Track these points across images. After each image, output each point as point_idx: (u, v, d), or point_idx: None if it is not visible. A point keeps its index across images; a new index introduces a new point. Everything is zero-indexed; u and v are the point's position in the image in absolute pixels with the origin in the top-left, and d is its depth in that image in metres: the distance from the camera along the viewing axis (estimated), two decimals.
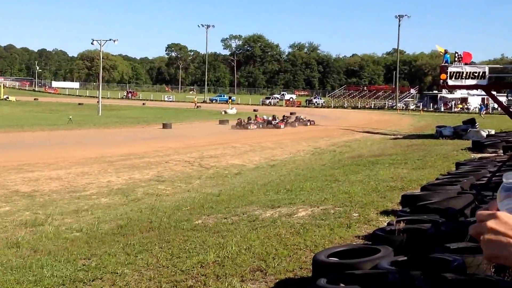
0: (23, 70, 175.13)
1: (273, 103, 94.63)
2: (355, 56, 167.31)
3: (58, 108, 61.87)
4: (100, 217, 8.71)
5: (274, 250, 5.58)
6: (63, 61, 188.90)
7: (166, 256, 5.64)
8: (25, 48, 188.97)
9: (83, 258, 5.80)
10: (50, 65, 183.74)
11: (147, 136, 27.05)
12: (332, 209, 7.58)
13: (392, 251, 4.60)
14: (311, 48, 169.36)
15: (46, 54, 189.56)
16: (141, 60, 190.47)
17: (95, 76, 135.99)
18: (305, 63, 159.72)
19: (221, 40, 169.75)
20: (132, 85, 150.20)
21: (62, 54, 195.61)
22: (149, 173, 14.46)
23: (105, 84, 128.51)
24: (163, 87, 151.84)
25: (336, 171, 13.06)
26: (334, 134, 29.28)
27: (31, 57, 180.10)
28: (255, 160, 18.04)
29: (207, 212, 8.29)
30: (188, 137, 26.31)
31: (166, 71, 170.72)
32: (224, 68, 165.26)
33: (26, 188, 11.64)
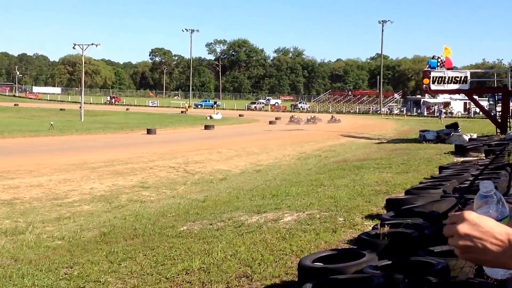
0: (3, 75, 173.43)
1: (258, 108, 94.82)
2: (340, 61, 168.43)
3: (39, 114, 61.36)
4: (82, 225, 8.59)
5: (260, 255, 5.54)
6: (44, 66, 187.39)
7: (151, 264, 5.57)
8: (4, 52, 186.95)
9: (65, 267, 5.70)
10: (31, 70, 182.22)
11: (131, 142, 26.88)
12: (318, 214, 7.56)
13: (376, 255, 4.59)
14: (296, 53, 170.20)
15: (26, 58, 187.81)
16: (124, 64, 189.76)
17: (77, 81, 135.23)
18: (290, 68, 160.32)
19: (205, 45, 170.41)
20: (116, 90, 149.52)
21: (43, 59, 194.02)
22: (133, 179, 14.33)
23: (88, 89, 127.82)
24: (147, 92, 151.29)
25: (321, 175, 13.06)
26: (319, 139, 29.35)
27: (11, 62, 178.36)
28: (241, 165, 17.99)
29: (192, 218, 8.22)
30: (172, 142, 26.19)
31: (150, 76, 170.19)
32: (209, 73, 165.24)
33: (6, 195, 11.47)
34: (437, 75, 24.46)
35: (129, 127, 38.12)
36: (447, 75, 24.42)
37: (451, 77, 24.42)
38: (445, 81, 24.42)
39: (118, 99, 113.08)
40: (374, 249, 4.75)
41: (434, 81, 24.48)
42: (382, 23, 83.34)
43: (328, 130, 38.64)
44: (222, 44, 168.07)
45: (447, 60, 25.05)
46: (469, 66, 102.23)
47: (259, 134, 34.08)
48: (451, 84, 24.54)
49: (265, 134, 34.01)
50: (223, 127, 41.95)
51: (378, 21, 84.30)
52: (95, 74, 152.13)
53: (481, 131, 27.89)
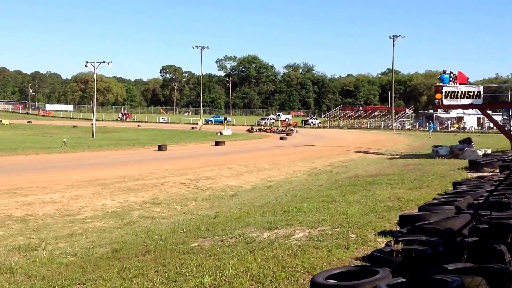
0: (16, 93, 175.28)
1: (268, 123, 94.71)
2: (350, 77, 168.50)
3: (52, 131, 61.80)
4: (95, 241, 8.60)
5: (272, 272, 5.51)
6: (57, 83, 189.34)
7: (162, 280, 5.56)
8: (18, 71, 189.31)
9: (78, 283, 5.71)
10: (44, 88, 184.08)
11: (142, 158, 26.96)
12: (330, 230, 7.51)
13: (390, 273, 4.55)
14: (306, 69, 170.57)
15: (39, 76, 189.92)
16: (135, 82, 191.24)
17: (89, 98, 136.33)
18: (300, 84, 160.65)
19: (216, 61, 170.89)
20: (127, 107, 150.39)
21: (56, 77, 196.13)
22: (144, 195, 14.35)
23: (100, 106, 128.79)
24: (158, 108, 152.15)
25: (333, 191, 13.00)
26: (330, 154, 29.27)
27: (24, 80, 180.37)
28: (252, 181, 17.97)
29: (204, 235, 8.21)
30: (183, 158, 26.23)
31: (161, 92, 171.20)
32: (219, 89, 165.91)
33: (20, 212, 11.52)
34: (449, 90, 24.38)
35: (140, 144, 38.24)
36: (459, 90, 24.32)
37: (464, 91, 24.31)
38: (458, 96, 24.31)
39: (130, 115, 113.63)
40: (388, 266, 4.71)
41: (447, 96, 24.39)
42: (393, 38, 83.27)
43: (339, 145, 38.55)
44: (232, 60, 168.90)
45: (459, 74, 24.99)
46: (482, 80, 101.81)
47: (269, 149, 34.06)
48: (464, 99, 24.42)
49: (276, 149, 33.98)
50: (234, 143, 41.98)
51: (389, 36, 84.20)
52: (107, 91, 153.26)
53: (495, 146, 27.69)
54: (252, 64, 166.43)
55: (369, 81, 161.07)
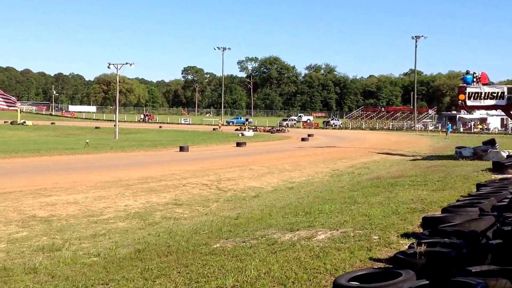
0: (40, 95, 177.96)
1: (290, 125, 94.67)
2: (372, 77, 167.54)
3: (75, 132, 62.52)
4: (117, 242, 8.67)
5: (294, 274, 5.50)
6: (80, 85, 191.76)
7: (185, 281, 5.58)
8: (41, 72, 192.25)
9: (101, 284, 5.76)
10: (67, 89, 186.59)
11: (164, 159, 27.12)
12: (352, 232, 7.47)
13: (414, 275, 4.52)
14: (327, 70, 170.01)
15: (62, 78, 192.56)
16: (157, 83, 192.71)
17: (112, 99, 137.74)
18: (322, 85, 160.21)
19: (237, 63, 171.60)
20: (149, 108, 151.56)
21: (79, 78, 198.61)
22: (166, 196, 14.43)
23: (122, 107, 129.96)
24: (179, 109, 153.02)
25: (355, 193, 12.94)
26: (352, 156, 29.12)
27: (48, 82, 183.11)
28: (273, 182, 17.96)
29: (225, 236, 8.23)
30: (205, 159, 26.33)
31: (183, 93, 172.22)
32: (241, 90, 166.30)
33: (43, 213, 11.66)
34: (473, 91, 24.10)
35: (162, 145, 38.47)
36: (483, 91, 24.02)
37: (488, 92, 24.00)
38: (482, 96, 24.02)
39: (152, 117, 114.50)
40: (411, 268, 4.67)
41: (470, 97, 24.12)
42: (415, 39, 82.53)
43: (361, 146, 38.35)
44: (254, 61, 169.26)
45: (483, 75, 24.69)
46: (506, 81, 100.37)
47: (291, 151, 34.01)
48: (487, 99, 24.11)
49: (297, 151, 33.91)
50: (255, 144, 42.01)
51: (412, 37, 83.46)
52: (129, 93, 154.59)
53: None
54: (274, 65, 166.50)
55: (391, 82, 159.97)
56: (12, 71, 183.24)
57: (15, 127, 71.56)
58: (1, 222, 10.52)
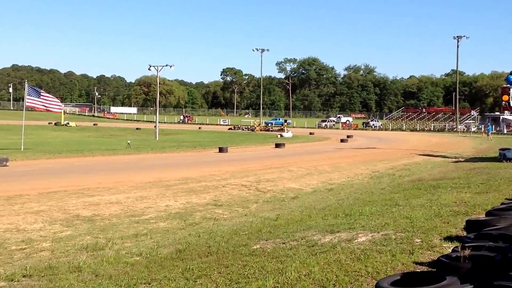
0: (82, 96, 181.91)
1: (329, 126, 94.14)
2: (413, 78, 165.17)
3: (117, 133, 63.61)
4: (159, 241, 8.77)
5: (335, 276, 5.45)
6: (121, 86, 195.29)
7: (225, 282, 5.60)
8: (84, 74, 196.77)
9: (143, 283, 5.84)
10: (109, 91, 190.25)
11: (204, 160, 27.32)
12: (393, 234, 7.37)
13: (458, 279, 4.42)
14: (367, 70, 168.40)
15: (104, 80, 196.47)
16: (196, 84, 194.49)
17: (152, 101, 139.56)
18: (361, 86, 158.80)
19: (276, 64, 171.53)
20: (188, 109, 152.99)
21: (120, 80, 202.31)
22: (206, 197, 14.54)
23: (162, 108, 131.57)
24: (218, 111, 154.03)
25: (396, 195, 12.77)
26: (392, 157, 28.75)
27: (90, 83, 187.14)
28: (312, 183, 17.89)
29: (265, 237, 8.23)
30: (244, 160, 26.41)
31: (221, 95, 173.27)
32: (279, 91, 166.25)
33: (87, 212, 11.90)
34: None
35: (201, 146, 38.76)
36: None
37: None
38: None
39: (191, 118, 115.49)
40: (455, 272, 4.58)
41: None
42: (457, 39, 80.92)
43: (402, 148, 37.82)
44: (292, 62, 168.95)
45: None
46: None
47: (330, 152, 33.79)
48: None
49: (337, 152, 33.67)
50: (294, 145, 41.91)
51: (453, 37, 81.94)
52: (169, 94, 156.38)
53: None
54: (312, 66, 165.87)
55: (433, 83, 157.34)
56: (56, 73, 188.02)
57: (59, 128, 73.36)
58: (46, 221, 10.79)
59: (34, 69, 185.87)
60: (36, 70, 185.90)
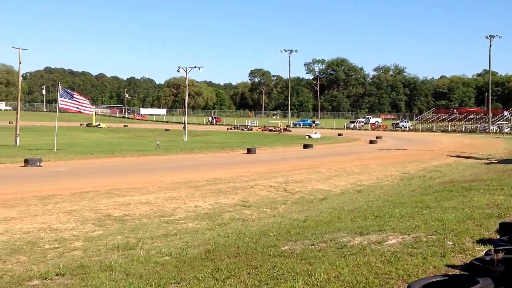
0: (113, 98, 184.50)
1: (358, 127, 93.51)
2: (444, 78, 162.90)
3: (146, 134, 64.22)
4: (188, 242, 8.83)
5: (365, 279, 5.40)
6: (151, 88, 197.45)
7: (254, 282, 5.60)
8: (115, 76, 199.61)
9: (173, 283, 5.87)
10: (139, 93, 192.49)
11: (232, 161, 27.40)
12: (424, 237, 7.27)
13: (491, 283, 4.34)
14: (396, 71, 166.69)
15: (134, 82, 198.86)
16: (225, 86, 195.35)
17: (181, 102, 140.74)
18: (391, 86, 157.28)
19: (304, 65, 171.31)
20: (216, 110, 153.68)
21: (150, 82, 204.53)
22: (234, 198, 14.58)
23: (190, 110, 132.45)
24: (246, 112, 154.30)
25: (426, 197, 12.60)
26: (423, 159, 28.40)
27: (121, 85, 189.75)
28: (341, 185, 17.78)
29: (294, 238, 8.20)
30: (272, 161, 26.40)
31: (250, 96, 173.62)
32: (307, 92, 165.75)
33: (118, 212, 12.04)
34: None
35: (229, 147, 38.87)
36: None
37: None
38: None
39: (219, 119, 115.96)
40: (488, 276, 4.50)
41: None
42: (489, 38, 79.56)
43: (432, 149, 37.34)
44: (321, 63, 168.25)
45: None
46: None
47: (359, 153, 33.55)
48: None
49: (366, 153, 33.41)
50: (322, 147, 41.74)
51: (486, 36, 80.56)
52: (198, 96, 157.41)
53: None
54: (341, 66, 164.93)
55: (464, 83, 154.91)
56: (87, 75, 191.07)
57: (90, 129, 74.44)
58: (78, 220, 10.96)
59: (67, 72, 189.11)
60: (68, 72, 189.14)
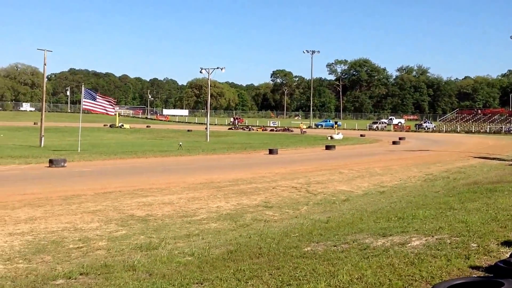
0: (136, 99, 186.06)
1: (380, 128, 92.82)
2: (468, 79, 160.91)
3: (169, 134, 64.63)
4: (210, 242, 8.87)
5: (388, 280, 5.37)
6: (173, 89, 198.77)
7: (277, 283, 5.60)
8: (138, 78, 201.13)
9: (196, 283, 5.90)
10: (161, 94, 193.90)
11: (254, 161, 27.43)
12: (448, 238, 7.20)
13: None
14: (420, 71, 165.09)
15: (157, 83, 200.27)
16: (247, 86, 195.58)
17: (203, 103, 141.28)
18: (414, 87, 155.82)
19: (326, 65, 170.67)
20: (238, 111, 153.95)
21: (172, 83, 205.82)
22: (256, 198, 14.59)
23: (213, 111, 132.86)
24: (268, 113, 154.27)
25: (450, 198, 12.46)
26: (446, 160, 28.09)
27: (144, 86, 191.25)
28: (364, 186, 17.68)
29: (316, 239, 8.18)
30: (294, 162, 26.36)
31: (271, 97, 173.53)
32: (330, 93, 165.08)
33: (141, 212, 12.14)
34: None
35: (251, 147, 38.92)
36: None
37: None
38: None
39: (241, 120, 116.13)
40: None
41: None
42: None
43: (456, 150, 36.92)
44: (343, 64, 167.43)
45: None
46: None
47: (381, 154, 33.33)
48: None
49: (388, 154, 33.17)
50: (344, 148, 41.55)
51: (510, 36, 79.28)
52: (220, 96, 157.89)
53: None
54: (364, 67, 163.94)
55: (489, 83, 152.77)
56: (111, 76, 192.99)
57: (114, 130, 75.22)
58: (102, 220, 11.08)
59: (91, 73, 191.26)
60: (92, 73, 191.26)
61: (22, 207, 12.27)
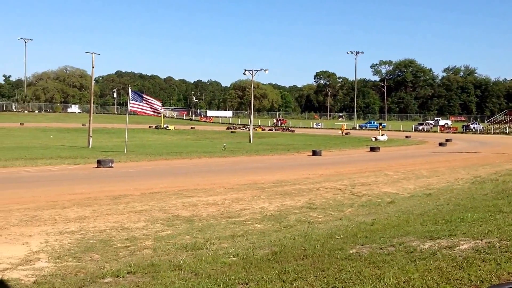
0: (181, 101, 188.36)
1: (426, 129, 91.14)
2: None
3: (213, 136, 65.20)
4: (255, 243, 8.89)
5: (436, 284, 5.29)
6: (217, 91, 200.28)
7: (322, 285, 5.59)
8: (182, 79, 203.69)
9: (241, 283, 5.95)
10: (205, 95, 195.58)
11: (297, 163, 27.37)
12: (498, 242, 7.02)
13: None
14: (467, 72, 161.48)
15: (201, 85, 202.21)
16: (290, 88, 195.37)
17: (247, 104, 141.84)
18: (461, 88, 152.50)
19: (370, 66, 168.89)
20: (282, 112, 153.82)
21: (216, 85, 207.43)
22: (300, 200, 14.55)
23: (256, 112, 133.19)
24: (311, 114, 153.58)
25: (500, 201, 12.14)
26: (495, 162, 27.36)
27: (188, 88, 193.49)
28: (410, 188, 17.40)
29: (361, 242, 8.12)
30: (338, 164, 26.18)
31: (315, 98, 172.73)
32: (374, 94, 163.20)
33: (186, 212, 12.28)
34: None
35: (295, 149, 38.84)
36: None
37: None
38: None
39: (284, 121, 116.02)
40: None
41: None
42: None
43: (505, 152, 35.92)
44: (388, 65, 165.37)
45: None
46: None
47: (428, 156, 32.73)
48: None
49: (435, 156, 32.54)
50: (389, 149, 41.00)
51: None
52: (263, 98, 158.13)
53: None
54: (409, 68, 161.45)
55: None
56: (156, 79, 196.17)
57: (159, 131, 76.43)
58: (148, 220, 11.27)
59: (137, 75, 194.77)
60: (138, 76, 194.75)
61: (71, 207, 12.59)
